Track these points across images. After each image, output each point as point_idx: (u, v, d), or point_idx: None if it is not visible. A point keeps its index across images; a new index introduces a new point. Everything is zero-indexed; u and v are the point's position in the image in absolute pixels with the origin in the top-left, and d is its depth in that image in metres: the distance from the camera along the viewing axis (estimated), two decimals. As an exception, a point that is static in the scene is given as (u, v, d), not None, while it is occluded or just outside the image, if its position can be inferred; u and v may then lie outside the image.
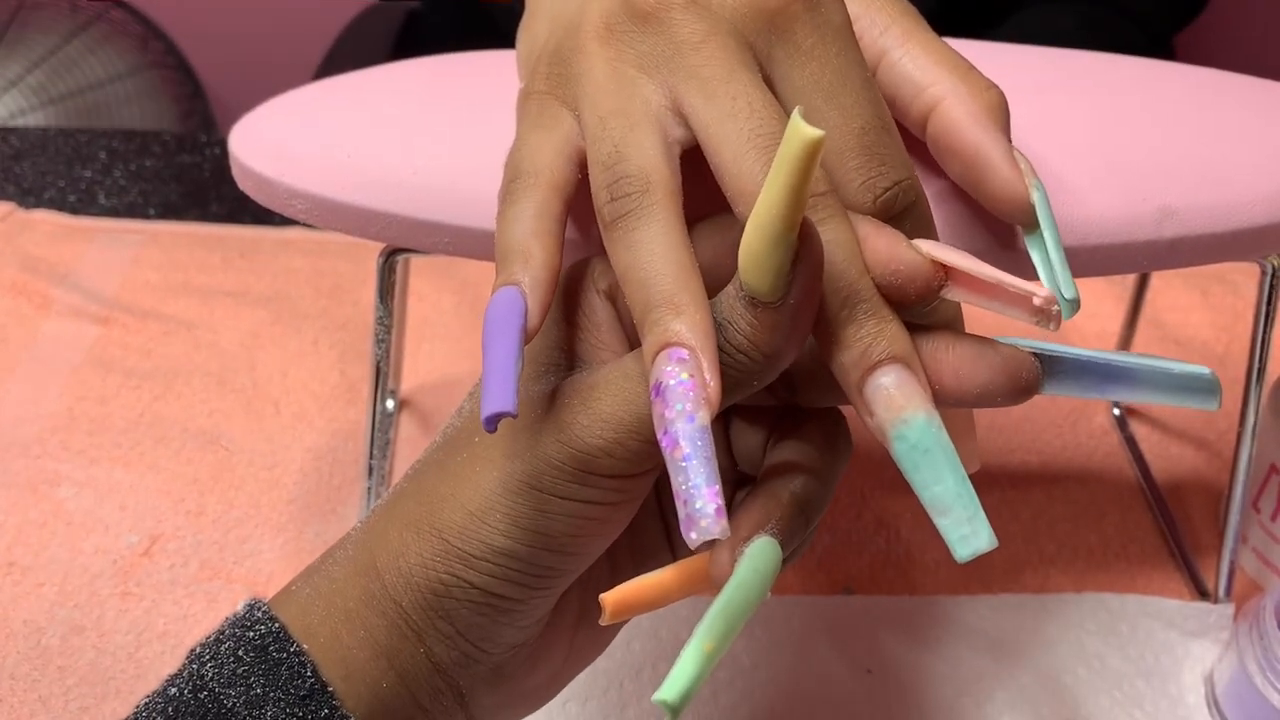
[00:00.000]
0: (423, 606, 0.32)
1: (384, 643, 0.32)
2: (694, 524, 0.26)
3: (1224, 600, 0.54)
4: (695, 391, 0.27)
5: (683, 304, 0.28)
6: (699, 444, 0.27)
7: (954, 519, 0.27)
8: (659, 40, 0.31)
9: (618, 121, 0.31)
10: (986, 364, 0.29)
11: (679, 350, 0.28)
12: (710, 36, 0.31)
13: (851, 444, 0.33)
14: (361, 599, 0.32)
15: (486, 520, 0.31)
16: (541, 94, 0.33)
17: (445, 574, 0.31)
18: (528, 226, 0.31)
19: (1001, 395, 0.29)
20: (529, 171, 0.32)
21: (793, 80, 0.31)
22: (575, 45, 0.33)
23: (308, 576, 0.33)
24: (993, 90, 0.34)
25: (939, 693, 0.50)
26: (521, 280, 0.30)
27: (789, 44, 0.31)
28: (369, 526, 0.33)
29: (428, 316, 0.70)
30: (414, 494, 0.33)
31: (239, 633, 0.32)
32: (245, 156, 0.42)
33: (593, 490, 0.30)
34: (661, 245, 0.29)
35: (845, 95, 0.31)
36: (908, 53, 0.34)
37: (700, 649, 0.26)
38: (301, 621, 0.32)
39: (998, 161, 0.33)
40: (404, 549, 0.32)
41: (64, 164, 0.81)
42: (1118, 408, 0.65)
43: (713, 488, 0.26)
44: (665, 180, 0.30)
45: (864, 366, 0.28)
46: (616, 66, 0.32)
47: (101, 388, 0.63)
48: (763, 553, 0.29)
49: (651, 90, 0.31)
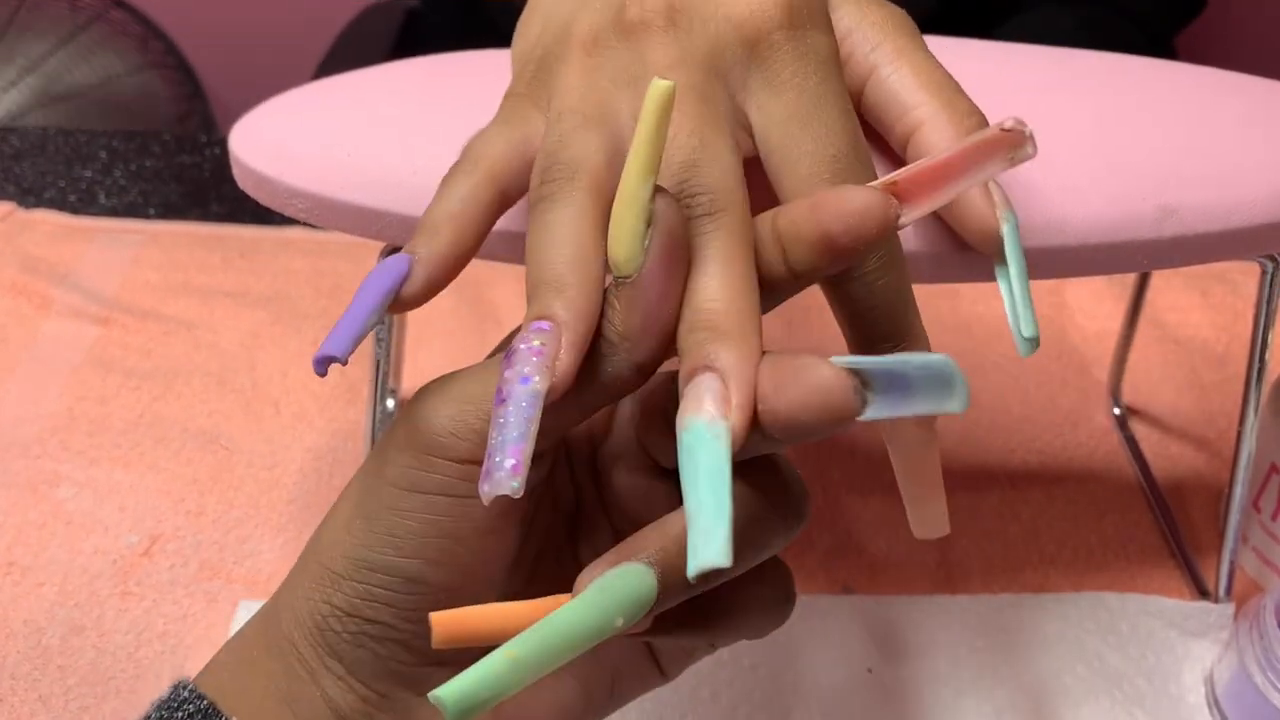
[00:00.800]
0: (311, 643, 0.30)
1: (284, 689, 0.30)
2: (489, 477, 0.26)
3: (1224, 600, 0.54)
4: (540, 359, 0.27)
5: (566, 284, 0.28)
6: (524, 404, 0.26)
7: (695, 528, 0.25)
8: (633, 59, 0.32)
9: (571, 118, 0.31)
10: (807, 380, 0.26)
11: (542, 323, 0.27)
12: (678, 65, 0.31)
13: (806, 518, 0.30)
14: (263, 646, 0.31)
15: (350, 530, 0.30)
16: (518, 95, 0.34)
17: (321, 602, 0.30)
18: (448, 208, 0.31)
19: (822, 413, 0.26)
20: (472, 159, 0.32)
21: (768, 109, 0.31)
22: (560, 53, 0.33)
23: (229, 644, 0.33)
24: (974, 117, 0.33)
25: (939, 693, 0.50)
26: (418, 250, 0.30)
27: (767, 72, 0.31)
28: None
29: (428, 316, 0.70)
30: (316, 529, 0.32)
31: (165, 715, 0.30)
32: (245, 155, 0.42)
33: (439, 477, 0.29)
34: (568, 229, 0.29)
35: (819, 123, 0.31)
36: (896, 71, 0.34)
37: (501, 653, 0.25)
38: (216, 683, 0.31)
39: (970, 191, 0.33)
40: (293, 583, 0.31)
41: (64, 164, 0.81)
42: (1118, 407, 0.65)
43: (520, 446, 0.26)
44: (594, 171, 0.30)
45: (686, 372, 0.27)
46: (591, 77, 0.32)
47: (101, 388, 0.63)
48: (624, 578, 0.27)
49: (621, 102, 0.32)
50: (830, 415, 0.25)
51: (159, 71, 1.43)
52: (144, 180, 0.80)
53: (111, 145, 0.83)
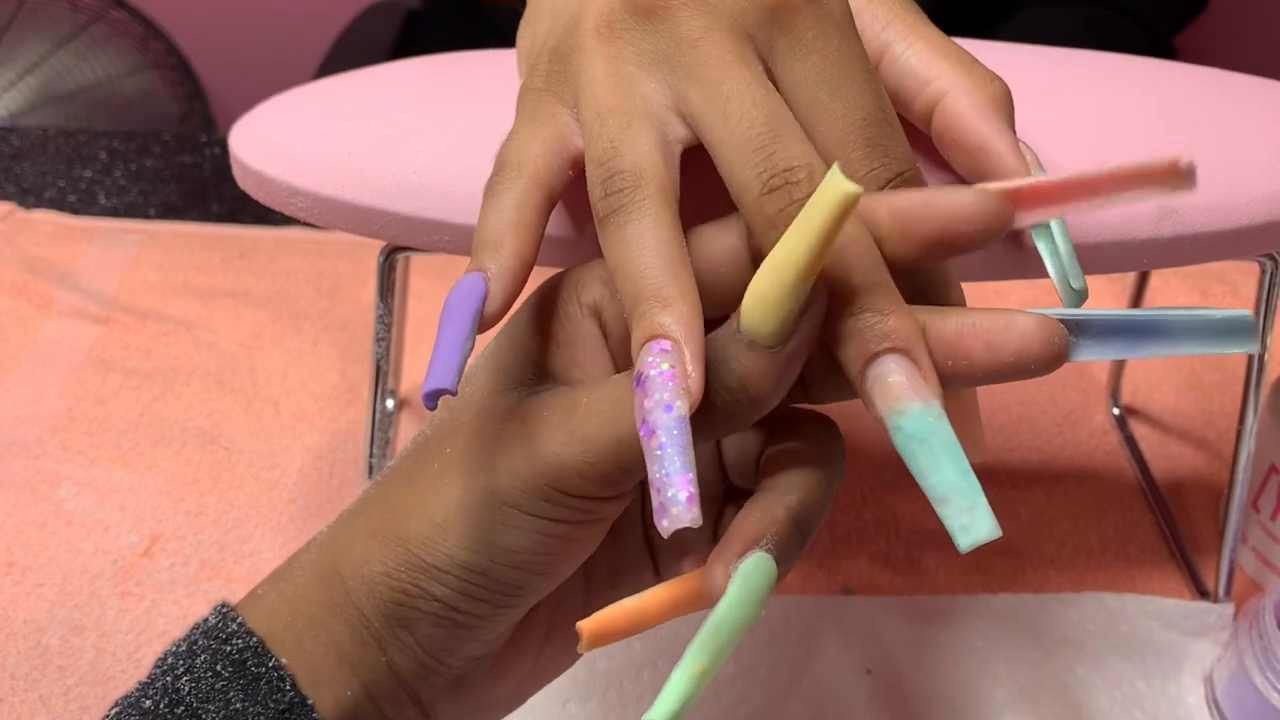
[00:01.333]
0: (384, 615, 0.31)
1: (347, 651, 0.31)
2: (665, 512, 0.26)
3: (1224, 600, 0.54)
4: (675, 382, 0.27)
5: (670, 297, 0.28)
6: (675, 433, 0.26)
7: (953, 508, 0.27)
8: (658, 37, 0.31)
9: (615, 119, 0.31)
10: (1017, 333, 0.29)
11: (662, 342, 0.27)
12: (709, 33, 0.31)
13: (845, 454, 0.33)
14: (325, 605, 0.31)
15: (450, 532, 0.30)
16: (539, 90, 0.33)
17: (409, 584, 0.31)
18: (504, 218, 0.31)
19: (1035, 363, 0.29)
20: (513, 164, 0.32)
21: (795, 73, 0.31)
22: (575, 42, 0.33)
23: (274, 581, 0.33)
24: (997, 82, 0.34)
25: (939, 693, 0.50)
26: (489, 269, 0.30)
27: (790, 36, 0.31)
28: (334, 533, 0.33)
29: (428, 316, 0.69)
30: (379, 501, 0.32)
31: (214, 645, 0.31)
32: (246, 155, 0.42)
33: (560, 509, 0.30)
34: (652, 239, 0.29)
35: (847, 87, 0.31)
36: (910, 47, 0.34)
37: (690, 669, 0.26)
38: (268, 626, 0.31)
39: (1003, 153, 0.33)
40: (368, 557, 0.31)
41: (64, 164, 0.81)
42: (1117, 407, 0.65)
43: (685, 475, 0.26)
44: (659, 176, 0.30)
45: (864, 357, 0.28)
46: (616, 64, 0.31)
47: (101, 388, 0.63)
48: (757, 569, 0.28)
49: (651, 88, 0.31)
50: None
51: (159, 71, 1.43)
52: (144, 180, 0.80)
53: (111, 145, 0.83)
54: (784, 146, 0.29)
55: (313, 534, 0.34)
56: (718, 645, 0.26)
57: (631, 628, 0.30)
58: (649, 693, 0.49)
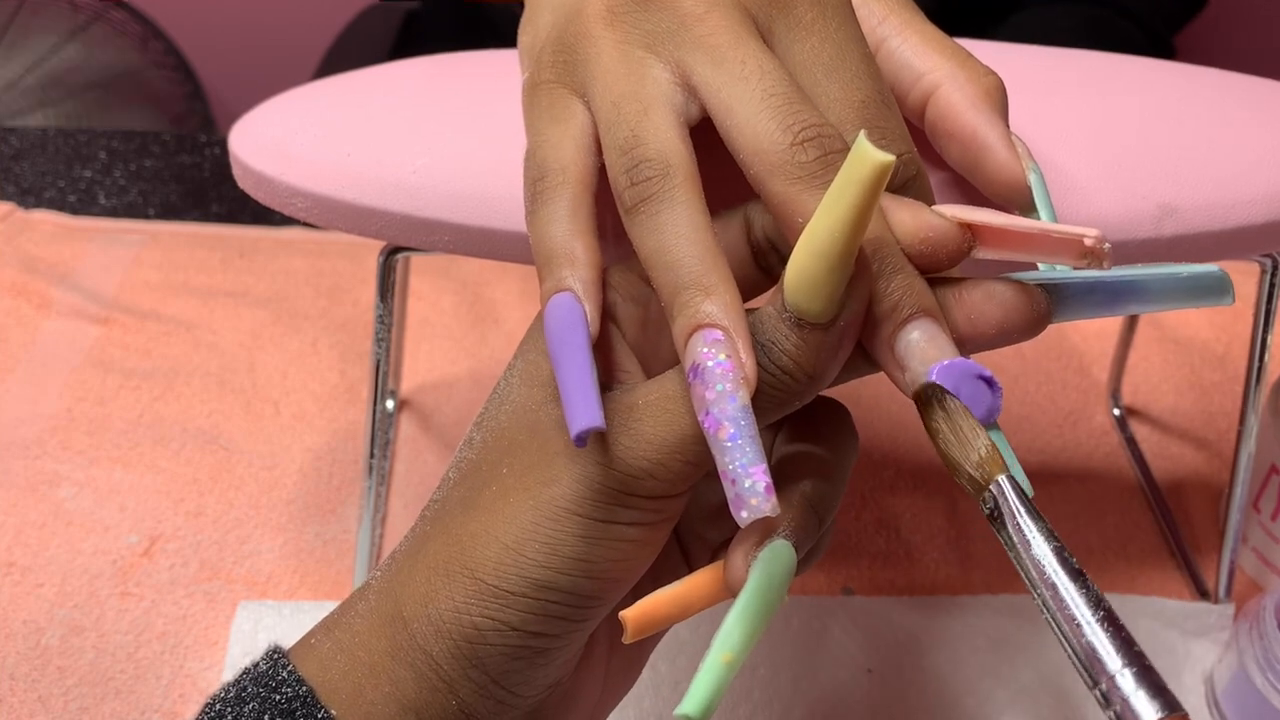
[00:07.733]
0: (455, 655, 0.30)
1: (412, 697, 0.30)
2: (744, 503, 0.26)
3: (1224, 600, 0.54)
4: (734, 372, 0.27)
5: (711, 285, 0.28)
6: (743, 424, 0.26)
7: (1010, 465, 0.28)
8: (663, 17, 0.31)
9: (632, 105, 0.31)
10: (998, 303, 0.29)
11: (713, 331, 0.28)
12: (714, 8, 0.31)
13: (858, 440, 0.33)
14: (387, 652, 0.31)
15: (524, 552, 0.30)
16: (549, 83, 0.33)
17: (480, 617, 0.30)
18: (566, 226, 0.30)
19: (1017, 330, 0.29)
20: (555, 169, 0.31)
21: (793, 54, 0.31)
22: (579, 31, 0.32)
23: (328, 630, 0.32)
24: (991, 75, 0.34)
25: (939, 693, 0.50)
26: (573, 285, 0.30)
27: (790, 18, 0.31)
28: (392, 574, 0.32)
29: (428, 316, 0.70)
30: (439, 535, 0.31)
31: (264, 694, 0.30)
32: (245, 155, 0.42)
33: (634, 512, 0.29)
34: (686, 227, 0.29)
35: (845, 69, 0.31)
36: (906, 41, 0.34)
37: (719, 659, 0.26)
38: (322, 677, 0.31)
39: (995, 144, 0.33)
40: (433, 595, 0.30)
41: (64, 164, 0.81)
42: (1118, 407, 0.65)
43: (760, 465, 0.26)
44: (684, 162, 0.30)
45: (895, 322, 0.28)
46: (623, 48, 0.31)
47: (101, 388, 0.63)
48: (777, 556, 0.28)
49: (660, 69, 0.31)
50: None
51: (159, 71, 1.43)
52: (144, 180, 0.80)
53: (111, 145, 0.83)
54: (807, 105, 0.29)
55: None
56: (743, 634, 0.27)
57: (675, 614, 0.30)
58: (649, 691, 0.49)
